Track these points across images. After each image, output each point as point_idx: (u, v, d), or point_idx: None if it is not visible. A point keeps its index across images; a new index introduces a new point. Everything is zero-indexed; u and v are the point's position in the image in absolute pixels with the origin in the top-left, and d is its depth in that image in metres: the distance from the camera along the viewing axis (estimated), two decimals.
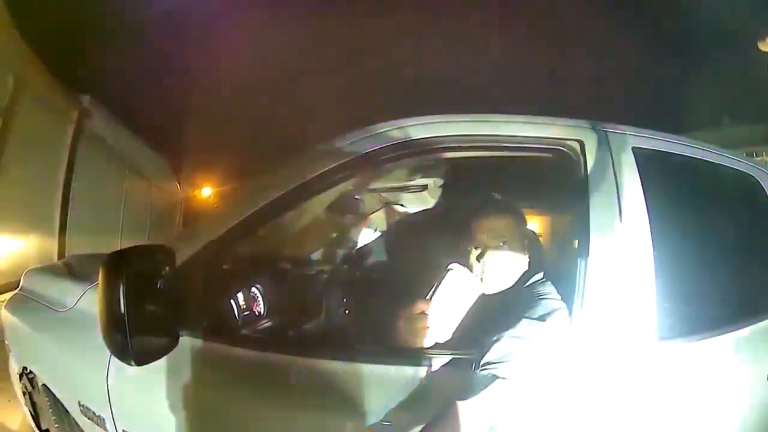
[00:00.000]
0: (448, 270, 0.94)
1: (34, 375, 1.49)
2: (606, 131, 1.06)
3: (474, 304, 0.95)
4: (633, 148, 1.06)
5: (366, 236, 1.92)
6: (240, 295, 1.11)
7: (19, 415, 2.03)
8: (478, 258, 1.07)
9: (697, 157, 1.20)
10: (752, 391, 1.06)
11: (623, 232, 0.97)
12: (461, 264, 0.98)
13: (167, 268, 0.90)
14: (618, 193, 0.99)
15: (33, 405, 1.61)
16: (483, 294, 1.00)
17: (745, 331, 1.10)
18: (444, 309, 0.92)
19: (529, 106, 1.11)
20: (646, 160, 1.06)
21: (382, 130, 1.03)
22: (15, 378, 1.64)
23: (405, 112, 1.07)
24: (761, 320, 1.13)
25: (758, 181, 1.29)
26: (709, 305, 1.15)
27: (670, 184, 1.15)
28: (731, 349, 1.07)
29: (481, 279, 1.05)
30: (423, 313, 0.90)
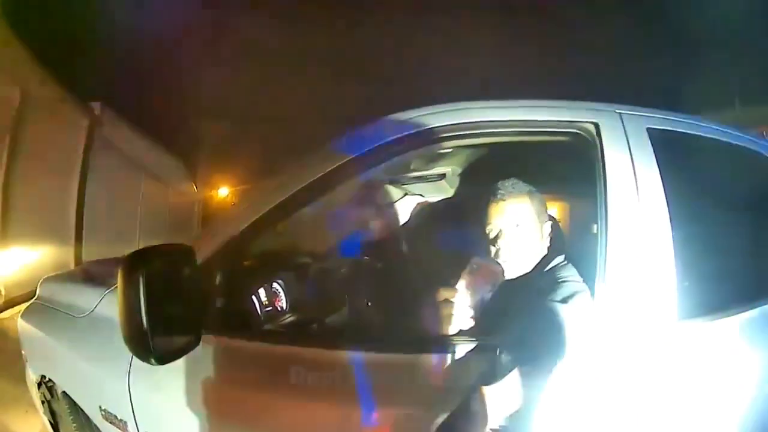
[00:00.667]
0: (472, 258, 0.94)
1: (53, 383, 1.49)
2: (620, 113, 1.06)
3: (498, 290, 0.94)
4: (647, 129, 1.05)
5: (386, 227, 1.93)
6: (261, 291, 1.11)
7: (36, 425, 2.04)
8: (493, 241, 1.07)
9: (711, 136, 1.19)
10: None
11: (641, 212, 0.97)
12: (484, 250, 0.98)
13: (187, 267, 0.90)
14: (635, 174, 0.99)
15: (52, 414, 1.61)
16: (506, 279, 0.99)
17: (763, 310, 1.09)
18: (469, 296, 0.91)
19: (541, 93, 1.11)
20: (661, 141, 1.05)
21: (396, 121, 1.03)
22: (33, 387, 1.64)
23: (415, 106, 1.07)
24: None
25: None
26: (728, 285, 1.14)
27: (686, 164, 1.15)
28: (751, 329, 1.06)
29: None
30: (447, 300, 0.90)
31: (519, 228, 1.09)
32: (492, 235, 1.10)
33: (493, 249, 1.09)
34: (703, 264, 1.09)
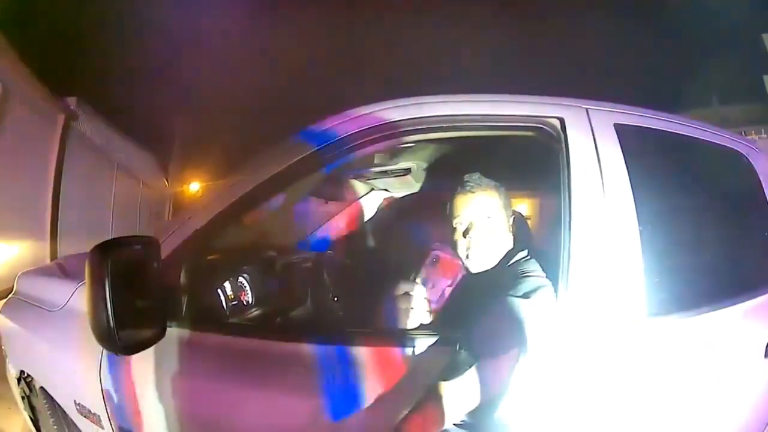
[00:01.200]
0: (433, 251, 0.94)
1: (32, 378, 1.49)
2: (587, 108, 1.06)
3: (459, 283, 0.95)
4: (615, 125, 1.05)
5: (350, 221, 1.92)
6: (227, 285, 1.11)
7: (20, 422, 2.04)
8: (464, 233, 1.07)
9: (681, 132, 1.20)
10: (744, 369, 1.06)
11: (607, 208, 0.97)
12: (445, 245, 0.98)
13: (153, 260, 0.91)
14: (600, 169, 0.99)
15: (32, 409, 1.61)
16: (467, 273, 1.00)
17: (736, 308, 1.10)
18: (428, 290, 0.92)
19: (515, 87, 1.11)
20: (629, 137, 1.05)
21: (360, 114, 1.04)
22: (13, 383, 1.64)
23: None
24: (751, 297, 1.12)
25: (745, 156, 1.28)
26: (699, 281, 1.14)
27: (654, 160, 1.15)
28: (722, 326, 1.07)
29: (467, 256, 1.05)
30: (407, 294, 0.91)
31: (490, 220, 1.09)
32: (462, 228, 1.10)
33: (463, 242, 1.09)
34: (673, 261, 1.10)
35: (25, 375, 1.53)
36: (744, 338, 1.07)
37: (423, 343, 0.89)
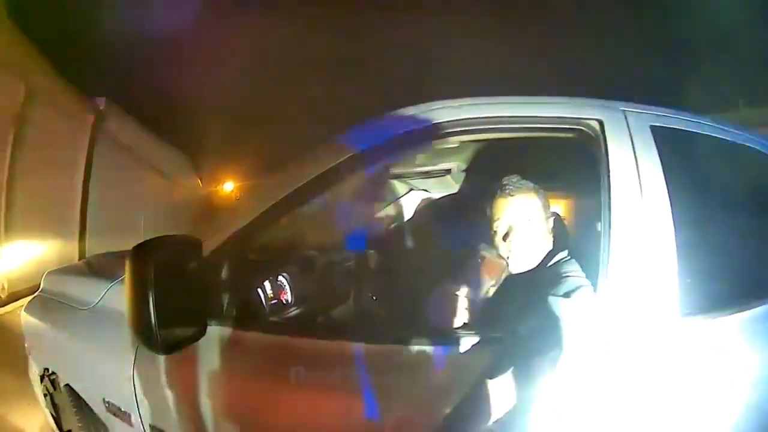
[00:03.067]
0: (478, 252, 0.94)
1: (56, 375, 1.50)
2: (625, 110, 1.06)
3: (501, 284, 0.95)
4: (651, 127, 1.06)
5: (392, 222, 1.93)
6: (267, 284, 1.11)
7: (39, 418, 2.04)
8: (505, 237, 1.07)
9: (715, 135, 1.20)
10: None
11: (644, 209, 0.97)
12: (488, 246, 0.98)
13: (194, 259, 0.91)
14: (638, 171, 0.99)
15: (54, 406, 1.62)
16: (510, 274, 1.00)
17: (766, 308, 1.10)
18: (473, 289, 0.92)
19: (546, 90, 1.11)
20: (665, 139, 1.06)
21: (401, 117, 1.04)
22: (36, 380, 1.64)
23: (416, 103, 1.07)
24: None
25: None
26: (730, 282, 1.14)
27: (689, 162, 1.15)
28: (753, 327, 1.06)
29: (508, 258, 1.05)
30: (452, 294, 0.91)
31: (530, 223, 1.10)
32: (502, 231, 1.10)
33: (503, 245, 1.09)
34: (706, 261, 1.10)
35: (49, 372, 1.53)
36: None
37: (466, 341, 0.89)
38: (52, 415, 1.65)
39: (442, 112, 1.02)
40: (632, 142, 1.02)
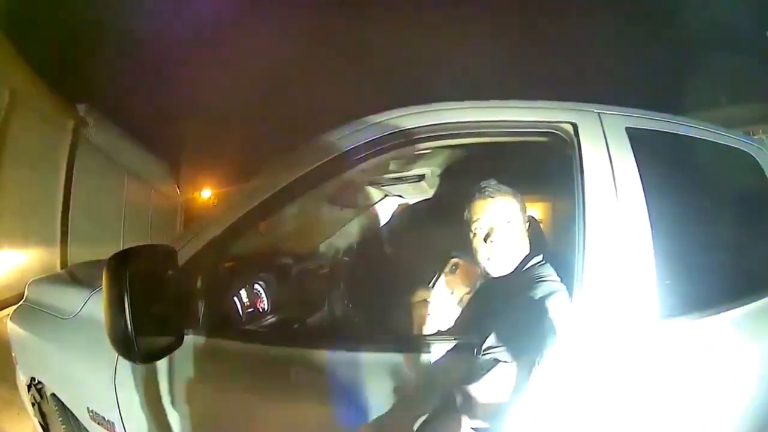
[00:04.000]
0: (452, 258, 0.95)
1: (42, 385, 1.50)
2: (599, 112, 1.06)
3: (476, 290, 0.95)
4: (627, 129, 1.06)
5: (365, 228, 1.93)
6: (243, 292, 1.11)
7: (28, 427, 2.03)
8: (485, 238, 1.06)
9: (692, 135, 1.20)
10: (756, 370, 1.06)
11: (620, 212, 0.98)
12: (463, 252, 0.98)
13: (170, 268, 0.91)
14: (613, 173, 1.00)
15: (42, 416, 1.61)
16: (484, 278, 1.00)
17: (747, 309, 1.10)
18: (447, 296, 0.92)
19: (524, 92, 1.11)
20: (641, 140, 1.06)
21: (374, 122, 1.04)
22: (23, 389, 1.64)
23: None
24: (762, 297, 1.13)
25: (755, 158, 1.29)
26: (710, 283, 1.15)
27: (666, 163, 1.16)
28: (733, 327, 1.07)
29: (488, 259, 1.05)
30: (425, 300, 0.91)
31: (509, 225, 1.10)
32: (482, 233, 1.09)
33: (483, 246, 1.09)
34: (684, 263, 1.10)
35: (36, 382, 1.53)
36: (754, 339, 1.07)
37: (440, 348, 0.89)
38: (41, 424, 1.64)
39: (414, 117, 1.02)
40: (607, 144, 1.02)
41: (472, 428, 0.90)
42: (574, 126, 1.02)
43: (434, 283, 0.93)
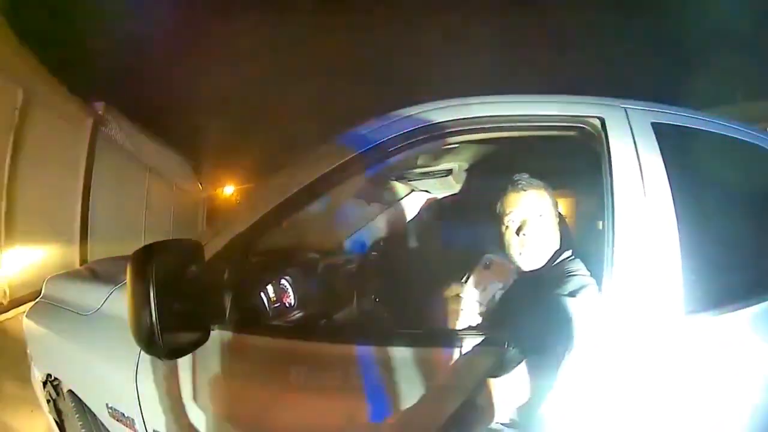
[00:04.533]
0: (485, 254, 0.94)
1: (59, 381, 1.49)
2: (626, 107, 1.06)
3: (509, 287, 0.95)
4: (652, 124, 1.05)
5: (394, 223, 1.92)
6: (269, 287, 1.11)
7: (42, 425, 2.04)
8: (518, 231, 1.06)
9: (716, 131, 1.20)
10: None
11: (647, 206, 0.97)
12: (494, 247, 0.98)
13: (196, 263, 0.90)
14: (641, 168, 0.99)
15: (58, 412, 1.61)
16: (517, 277, 1.00)
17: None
18: (480, 292, 0.92)
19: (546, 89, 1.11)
20: (667, 135, 1.05)
21: (402, 117, 1.04)
22: (38, 386, 1.64)
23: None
24: None
25: None
26: (734, 279, 1.14)
27: (690, 158, 1.15)
28: (758, 323, 1.06)
29: (520, 254, 1.05)
30: (458, 296, 0.91)
31: (542, 218, 1.09)
32: (515, 225, 1.09)
33: (515, 239, 1.08)
34: (710, 258, 1.09)
35: (52, 378, 1.53)
36: None
37: (471, 342, 0.89)
38: (56, 421, 1.64)
39: (443, 112, 1.02)
40: (634, 139, 1.02)
41: (501, 423, 0.89)
42: (602, 120, 1.02)
43: (467, 279, 0.93)
